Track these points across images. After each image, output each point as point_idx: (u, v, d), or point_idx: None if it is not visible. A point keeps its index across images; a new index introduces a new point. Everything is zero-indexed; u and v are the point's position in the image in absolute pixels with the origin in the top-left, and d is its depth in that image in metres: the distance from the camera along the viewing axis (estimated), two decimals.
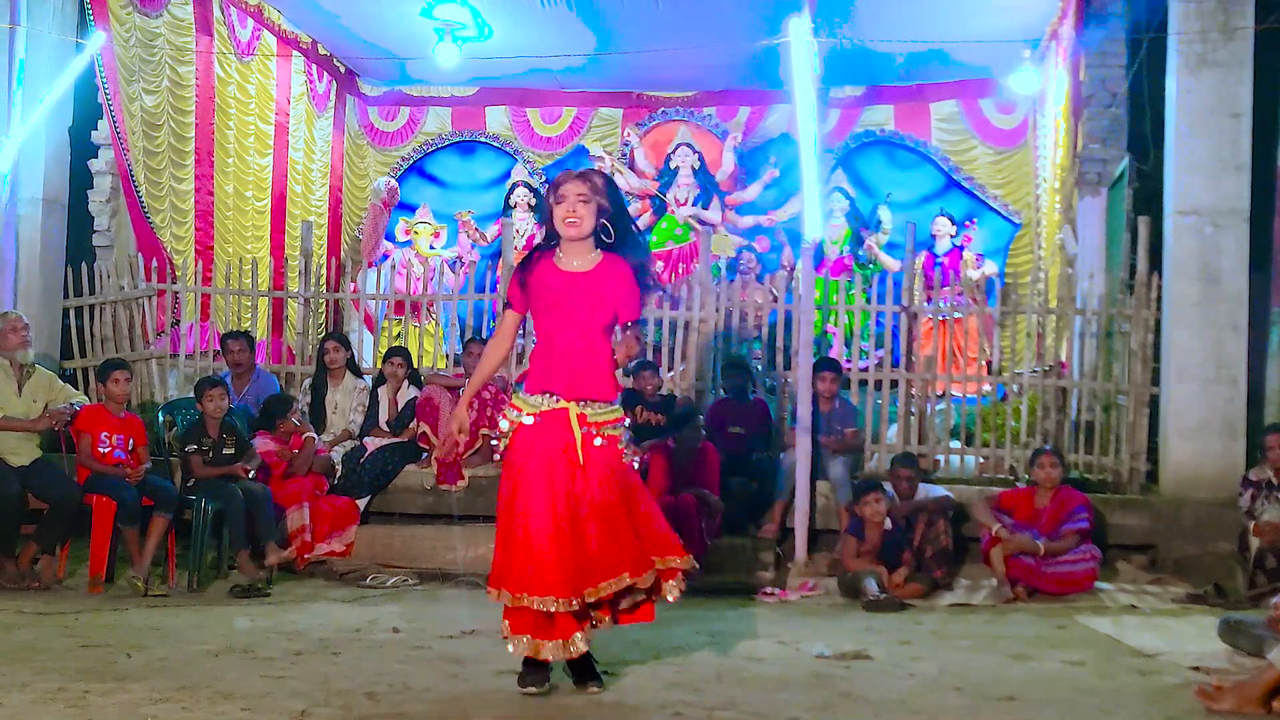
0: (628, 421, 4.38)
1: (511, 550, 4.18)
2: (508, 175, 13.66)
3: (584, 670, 4.33)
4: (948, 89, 12.89)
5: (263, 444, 7.55)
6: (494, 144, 13.86)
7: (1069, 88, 10.17)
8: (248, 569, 6.84)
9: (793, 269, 10.86)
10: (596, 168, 4.63)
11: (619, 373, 4.44)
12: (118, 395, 7.09)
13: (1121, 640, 5.70)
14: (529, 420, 4.23)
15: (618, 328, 4.34)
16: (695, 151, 12.95)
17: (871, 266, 12.05)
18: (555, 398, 4.23)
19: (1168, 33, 8.05)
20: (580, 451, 4.19)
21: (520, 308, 4.40)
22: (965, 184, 12.88)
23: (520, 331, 4.82)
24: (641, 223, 13.10)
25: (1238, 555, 7.16)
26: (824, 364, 8.28)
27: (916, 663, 5.12)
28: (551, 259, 4.29)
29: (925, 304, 9.44)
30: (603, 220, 4.24)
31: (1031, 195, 12.18)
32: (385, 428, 8.25)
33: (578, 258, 4.27)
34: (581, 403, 4.22)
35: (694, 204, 12.80)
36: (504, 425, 4.30)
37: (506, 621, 4.22)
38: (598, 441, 4.21)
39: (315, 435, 7.87)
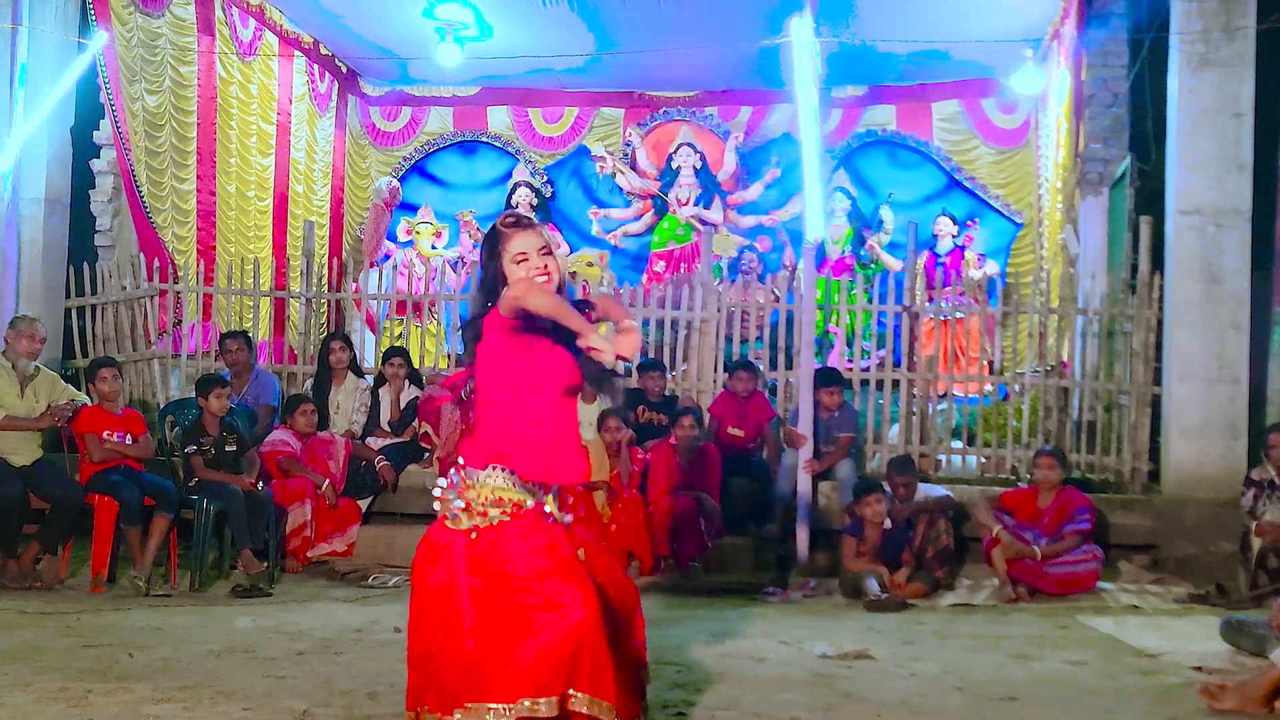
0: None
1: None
2: (509, 175, 13.64)
3: None
4: (949, 89, 12.89)
5: (282, 436, 7.63)
6: (496, 144, 13.87)
7: (1071, 87, 10.16)
8: (252, 567, 6.84)
9: (794, 269, 10.86)
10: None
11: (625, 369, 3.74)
12: (107, 393, 7.09)
13: (1123, 640, 5.71)
14: (526, 505, 3.29)
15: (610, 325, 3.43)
16: (697, 151, 12.96)
17: (873, 266, 12.05)
18: (539, 487, 3.34)
19: (1169, 32, 8.06)
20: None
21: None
22: (967, 184, 12.87)
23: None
24: (643, 223, 13.18)
25: (1239, 555, 7.16)
26: (827, 377, 8.14)
27: (918, 663, 5.12)
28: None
29: (927, 304, 9.43)
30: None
31: (1033, 195, 12.17)
32: (387, 428, 8.26)
33: None
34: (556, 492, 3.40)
35: (695, 204, 12.80)
36: (482, 519, 3.25)
37: None
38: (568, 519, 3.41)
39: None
